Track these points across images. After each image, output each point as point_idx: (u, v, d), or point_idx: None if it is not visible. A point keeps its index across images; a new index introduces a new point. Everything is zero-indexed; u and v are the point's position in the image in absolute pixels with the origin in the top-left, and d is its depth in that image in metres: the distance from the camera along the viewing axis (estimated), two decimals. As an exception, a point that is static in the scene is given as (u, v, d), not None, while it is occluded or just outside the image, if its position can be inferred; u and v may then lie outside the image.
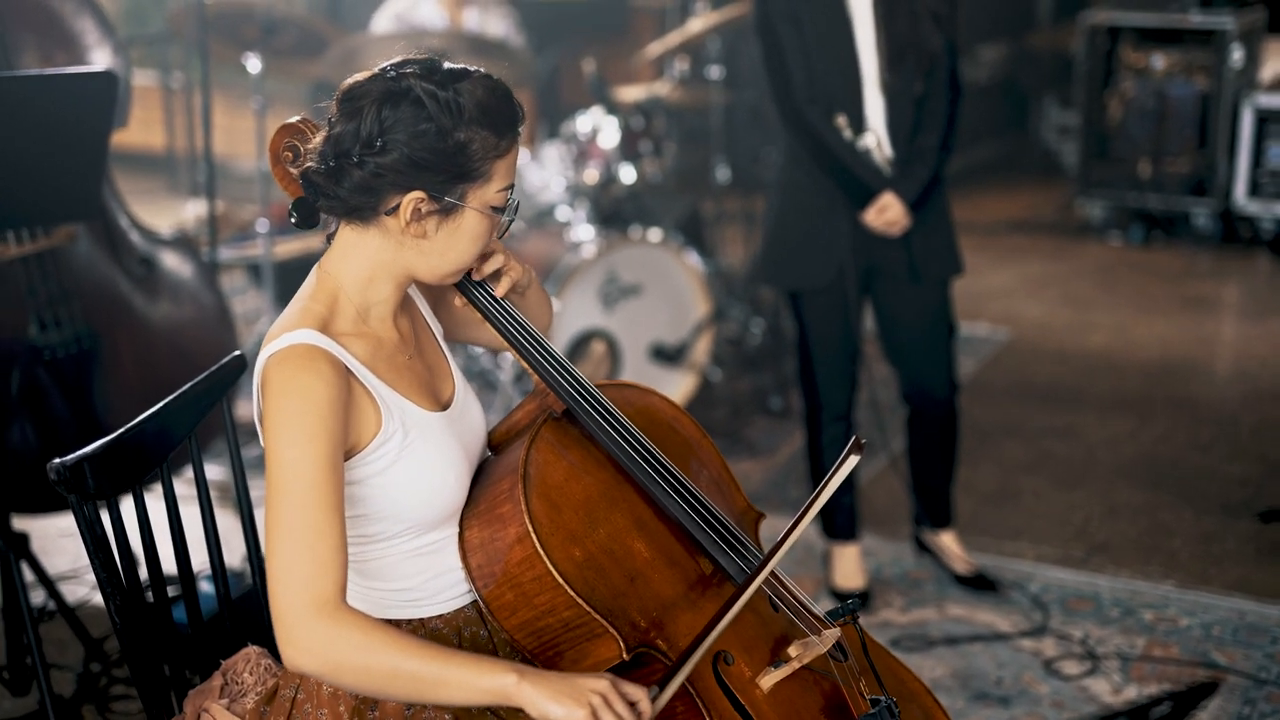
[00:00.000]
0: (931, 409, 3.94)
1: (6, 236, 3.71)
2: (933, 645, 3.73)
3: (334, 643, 1.90)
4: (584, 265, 4.88)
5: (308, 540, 1.92)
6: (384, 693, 1.94)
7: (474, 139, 2.03)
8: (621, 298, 5.02)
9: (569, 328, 4.91)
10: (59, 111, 3.24)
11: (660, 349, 5.09)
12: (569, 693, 1.90)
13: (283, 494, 1.94)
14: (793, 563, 4.17)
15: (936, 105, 3.68)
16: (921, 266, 3.75)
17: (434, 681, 1.90)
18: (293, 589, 1.92)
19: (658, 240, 5.06)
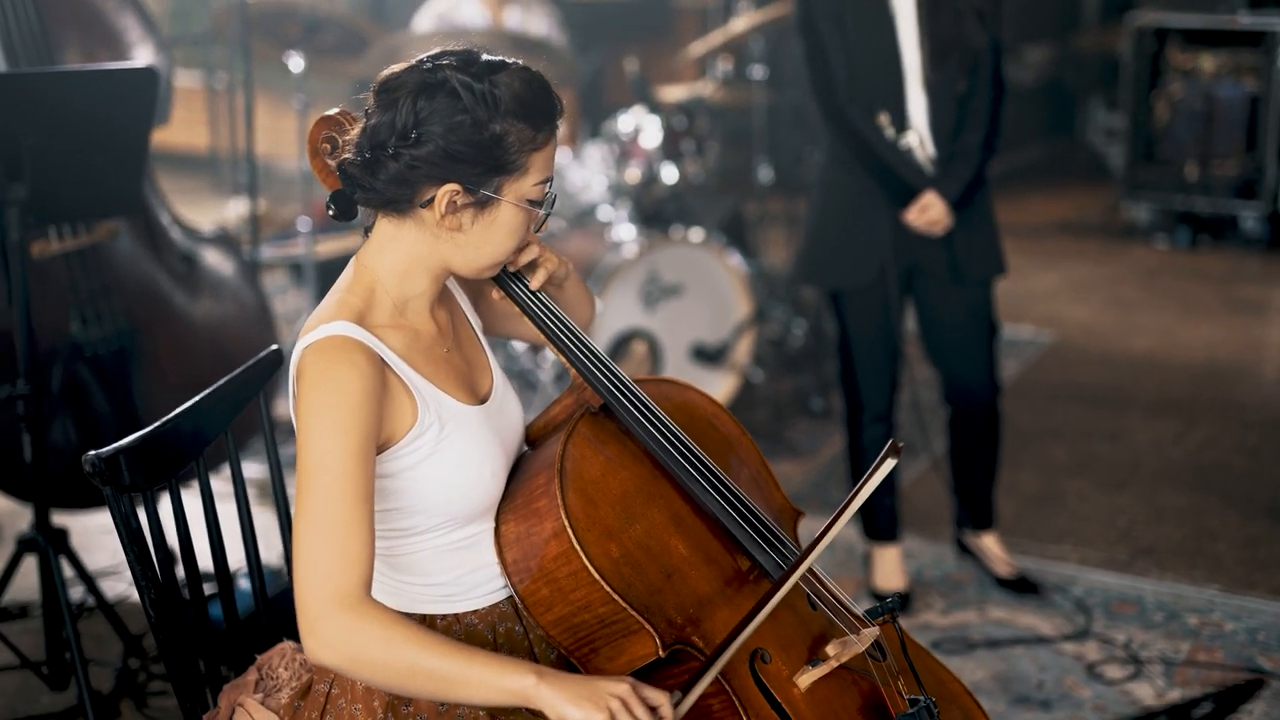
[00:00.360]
0: (973, 410, 3.90)
1: (48, 233, 3.73)
2: (974, 648, 3.69)
3: (355, 637, 1.88)
4: (625, 265, 4.87)
5: (335, 533, 1.91)
6: (404, 689, 1.92)
7: (510, 131, 2.01)
8: (663, 298, 5.00)
9: (610, 327, 4.89)
10: (100, 107, 3.25)
11: (701, 349, 5.07)
12: (588, 695, 1.87)
13: (312, 485, 1.93)
14: (833, 564, 4.15)
15: (980, 103, 3.65)
16: (963, 266, 3.72)
17: (454, 680, 1.88)
18: (317, 581, 1.91)
19: (699, 240, 5.04)
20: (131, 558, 2.10)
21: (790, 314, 5.68)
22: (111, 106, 3.26)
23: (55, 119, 3.18)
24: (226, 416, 2.32)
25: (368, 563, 1.93)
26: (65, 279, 3.78)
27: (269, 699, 2.19)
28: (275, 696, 2.18)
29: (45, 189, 3.21)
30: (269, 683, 2.22)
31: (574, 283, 2.40)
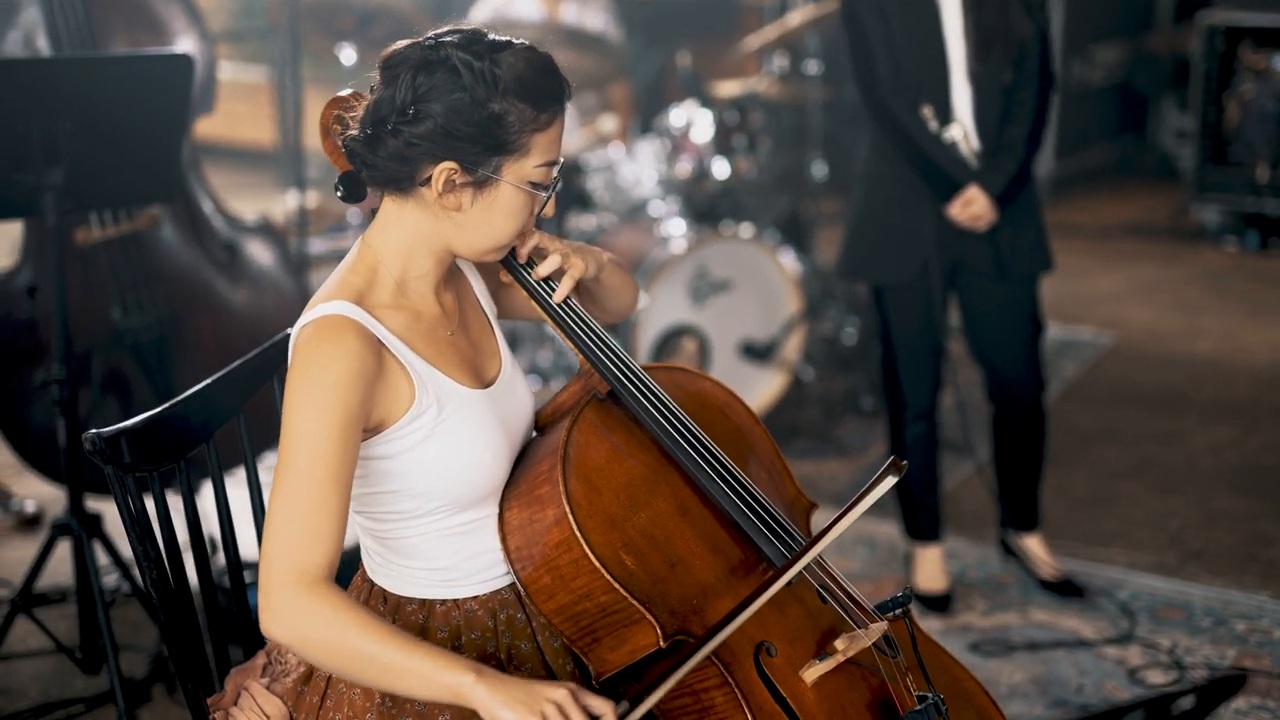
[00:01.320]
0: (1017, 408, 3.83)
1: (89, 219, 3.75)
2: (1013, 650, 3.63)
3: (305, 615, 1.86)
4: (673, 260, 4.84)
5: (304, 509, 1.89)
6: (346, 673, 1.88)
7: (510, 110, 1.98)
8: (711, 293, 4.96)
9: (657, 322, 4.86)
10: (136, 93, 3.26)
11: (750, 346, 5.03)
12: (523, 699, 1.81)
13: (289, 460, 1.91)
14: (875, 563, 4.09)
15: (1026, 96, 3.58)
16: (1008, 262, 3.65)
17: (393, 669, 1.84)
18: (280, 555, 1.89)
19: (749, 236, 5.00)
20: (133, 537, 2.10)
21: (844, 312, 5.62)
22: (147, 93, 3.27)
23: (91, 104, 3.20)
24: (237, 401, 2.32)
25: (334, 544, 1.90)
26: (107, 266, 3.80)
27: (275, 684, 2.18)
28: (281, 681, 2.18)
29: (81, 174, 3.22)
30: (276, 667, 2.21)
31: (610, 272, 2.34)
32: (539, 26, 5.20)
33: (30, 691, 3.47)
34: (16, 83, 3.12)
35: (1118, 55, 8.71)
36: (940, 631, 3.72)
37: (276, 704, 2.14)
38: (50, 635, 3.49)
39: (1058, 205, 8.16)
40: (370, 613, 1.87)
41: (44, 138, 3.16)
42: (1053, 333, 6.08)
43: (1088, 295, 6.63)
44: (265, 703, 2.15)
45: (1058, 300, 6.53)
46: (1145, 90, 9.06)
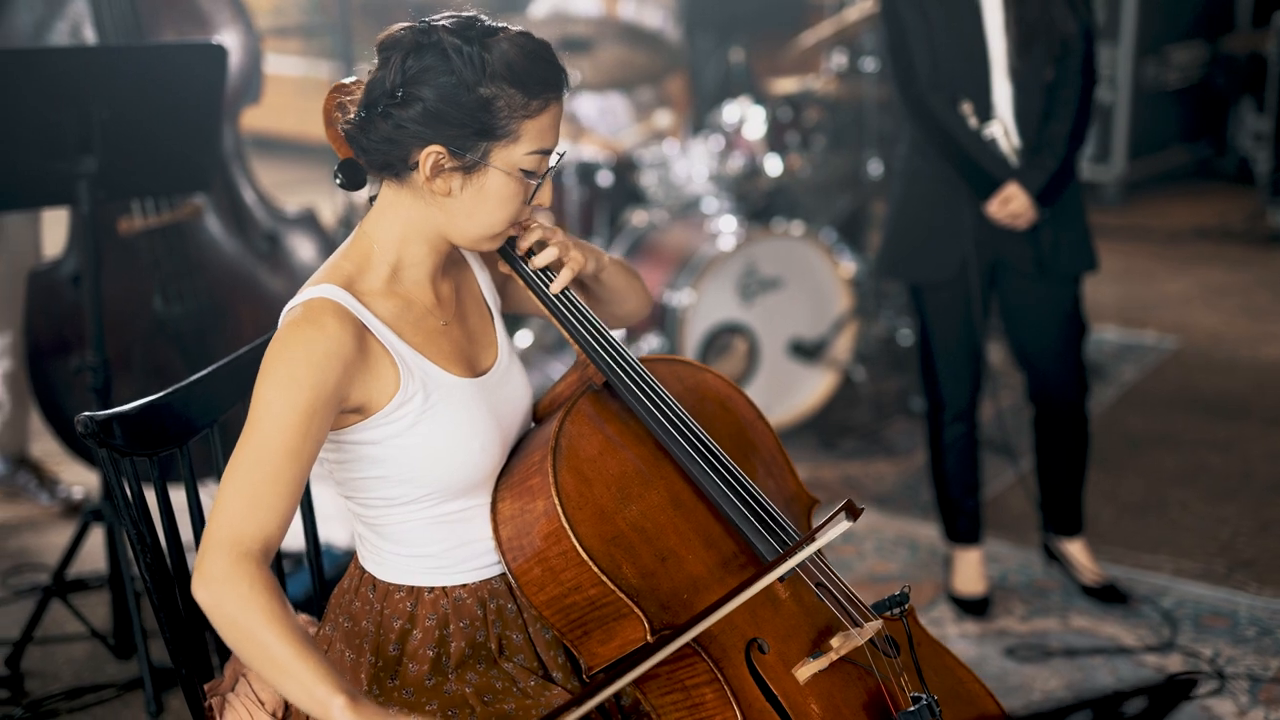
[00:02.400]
0: (1059, 411, 3.77)
1: (131, 209, 3.78)
2: (1050, 656, 3.56)
3: (224, 584, 1.85)
4: (722, 257, 4.81)
5: (254, 480, 1.89)
6: (240, 653, 1.87)
7: (499, 96, 1.97)
8: (761, 291, 4.93)
9: (705, 319, 4.83)
10: (170, 82, 3.28)
11: (799, 344, 4.99)
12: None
13: (251, 430, 1.91)
14: (914, 566, 4.04)
15: (1068, 93, 3.52)
16: (1049, 261, 3.59)
17: (278, 665, 1.83)
18: (222, 520, 1.88)
19: (800, 234, 4.96)
20: (127, 521, 2.10)
21: (899, 312, 5.57)
22: (181, 82, 3.29)
23: (125, 93, 3.22)
24: (240, 389, 2.32)
25: (276, 521, 1.89)
26: (149, 256, 3.83)
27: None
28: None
29: (115, 163, 3.25)
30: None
31: (613, 274, 2.33)
32: (594, 21, 5.18)
33: (63, 675, 3.51)
34: (51, 71, 3.15)
35: (1195, 56, 8.55)
36: (977, 636, 3.67)
37: (272, 691, 2.14)
38: (84, 621, 3.53)
39: (1129, 208, 8.04)
40: (286, 607, 1.86)
41: (78, 126, 3.18)
42: (1114, 336, 5.99)
43: (1153, 299, 6.52)
44: (261, 689, 2.15)
45: (1121, 303, 6.44)
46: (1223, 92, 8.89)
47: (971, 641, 3.64)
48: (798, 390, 5.02)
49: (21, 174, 3.24)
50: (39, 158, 3.21)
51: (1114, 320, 6.22)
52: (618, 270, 2.35)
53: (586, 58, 5.10)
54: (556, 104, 2.04)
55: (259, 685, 2.16)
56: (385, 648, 2.09)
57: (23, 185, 3.28)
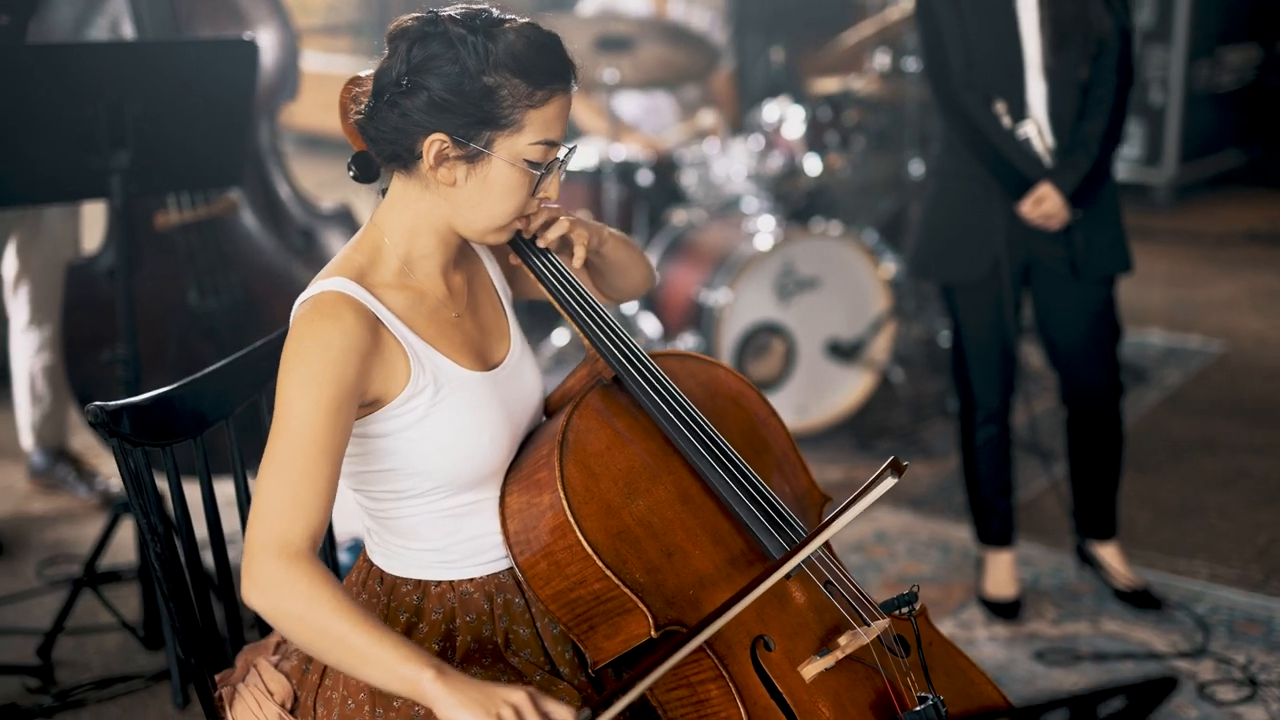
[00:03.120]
0: (1092, 413, 3.73)
1: (167, 203, 3.81)
2: (1078, 660, 3.53)
3: (281, 586, 1.85)
4: (759, 256, 4.79)
5: (291, 480, 1.89)
6: (314, 650, 1.87)
7: (503, 85, 1.97)
8: (798, 291, 4.91)
9: (741, 319, 4.82)
10: (201, 78, 3.31)
11: (836, 345, 4.97)
12: (481, 700, 1.77)
13: (280, 431, 1.92)
14: (946, 568, 4.02)
15: (1103, 92, 3.48)
16: (1082, 262, 3.55)
17: (358, 653, 1.82)
18: (265, 524, 1.89)
19: (838, 234, 4.94)
20: (136, 510, 2.12)
21: (939, 314, 5.53)
22: (212, 77, 3.31)
23: (157, 88, 3.25)
24: (256, 383, 2.33)
25: (318, 516, 1.90)
26: (184, 250, 3.86)
27: (284, 661, 2.19)
28: (290, 659, 2.19)
29: (147, 157, 3.28)
30: (288, 645, 2.23)
31: (615, 247, 2.34)
32: (636, 20, 5.18)
33: (94, 665, 3.54)
34: (84, 66, 3.18)
35: (1248, 58, 8.46)
36: (1006, 639, 3.64)
37: (281, 681, 2.15)
38: (114, 612, 3.56)
39: (1179, 212, 7.96)
40: (347, 595, 1.86)
41: (110, 121, 3.21)
42: (1158, 340, 5.93)
43: (1200, 303, 6.45)
44: (270, 680, 2.16)
45: (1167, 307, 6.38)
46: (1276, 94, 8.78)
47: (1000, 644, 3.62)
48: (835, 391, 5.00)
49: (56, 168, 3.27)
50: (73, 152, 3.24)
51: (1160, 324, 6.16)
52: (618, 244, 2.35)
53: (627, 57, 5.10)
54: (563, 95, 2.04)
55: (268, 675, 2.17)
56: (392, 639, 2.08)
57: (57, 179, 3.31)
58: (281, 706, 2.13)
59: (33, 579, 3.97)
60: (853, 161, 5.16)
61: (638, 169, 5.25)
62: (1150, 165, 7.94)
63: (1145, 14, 7.73)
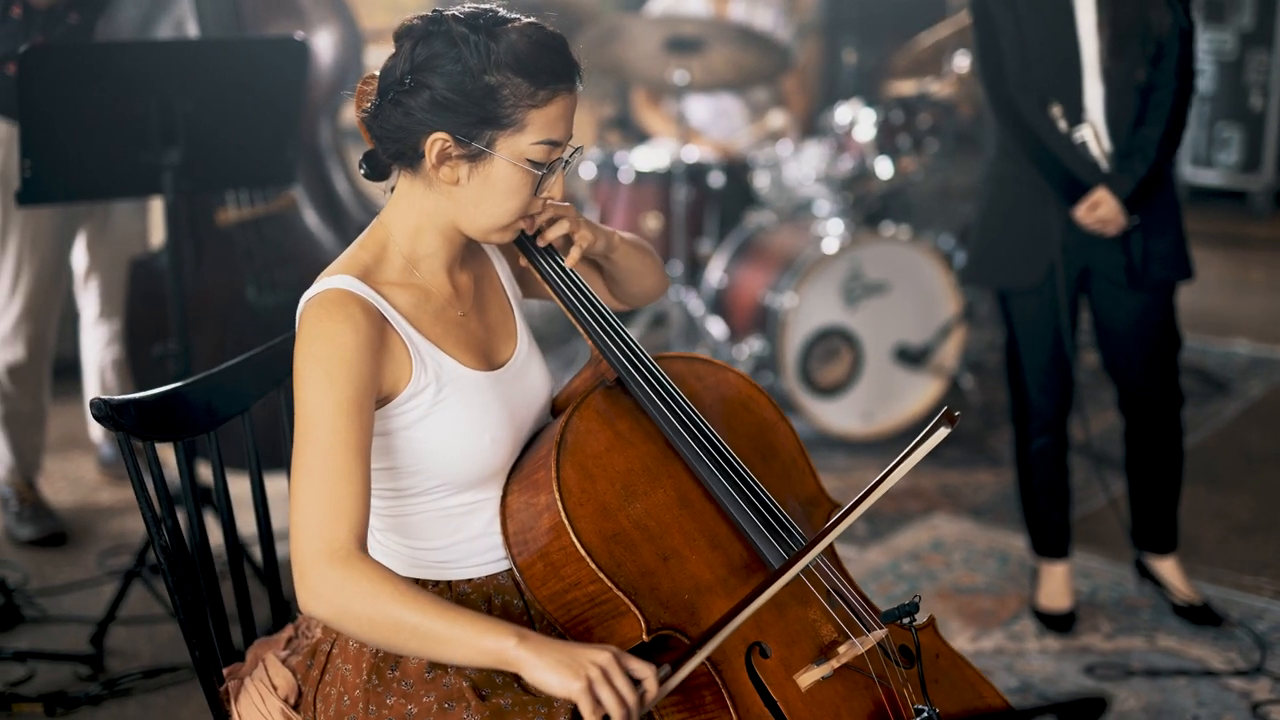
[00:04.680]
0: (1150, 424, 3.65)
1: (226, 200, 3.86)
2: (1130, 676, 3.46)
3: (343, 590, 1.87)
4: (824, 260, 4.76)
5: (327, 485, 1.90)
6: (389, 645, 1.90)
7: (505, 84, 1.97)
8: (865, 295, 4.87)
9: (807, 322, 4.79)
10: (252, 76, 3.34)
11: (904, 350, 4.92)
12: (568, 662, 1.82)
13: (306, 438, 1.93)
14: (1001, 578, 3.95)
15: (1163, 95, 3.41)
16: (1140, 269, 3.48)
17: (436, 638, 1.85)
18: (310, 533, 1.90)
19: (908, 238, 4.88)
20: (142, 503, 2.14)
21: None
22: (263, 76, 3.35)
23: (208, 86, 3.29)
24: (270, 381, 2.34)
25: (360, 515, 1.91)
26: (242, 246, 3.90)
27: (291, 657, 2.20)
28: (297, 654, 2.20)
29: (198, 155, 3.32)
30: (302, 640, 2.24)
31: (627, 253, 2.32)
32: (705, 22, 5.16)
33: (144, 655, 3.58)
34: (137, 64, 3.23)
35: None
36: (1057, 652, 3.57)
37: (286, 676, 2.16)
38: (163, 603, 3.60)
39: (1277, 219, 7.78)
40: (407, 582, 1.88)
41: (162, 119, 3.26)
42: (1245, 350, 5.81)
43: (1292, 313, 6.31)
44: (276, 675, 2.17)
45: (1260, 317, 6.24)
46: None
47: (1050, 657, 3.55)
48: (902, 397, 4.95)
49: (111, 165, 3.32)
50: (127, 149, 3.29)
51: (1250, 334, 6.03)
52: (630, 249, 2.32)
53: (696, 58, 5.08)
54: (566, 95, 2.03)
55: (274, 670, 2.18)
56: (387, 638, 2.09)
57: (112, 176, 3.36)
58: (285, 701, 2.14)
59: (94, 568, 4.03)
60: (926, 165, 5.10)
61: (709, 171, 5.23)
62: (1248, 172, 7.77)
63: (1245, 17, 7.57)
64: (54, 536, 4.17)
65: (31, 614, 3.77)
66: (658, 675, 1.86)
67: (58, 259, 4.10)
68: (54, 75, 3.18)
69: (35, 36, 3.80)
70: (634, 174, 5.26)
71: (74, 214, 4.10)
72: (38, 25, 3.83)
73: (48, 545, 4.16)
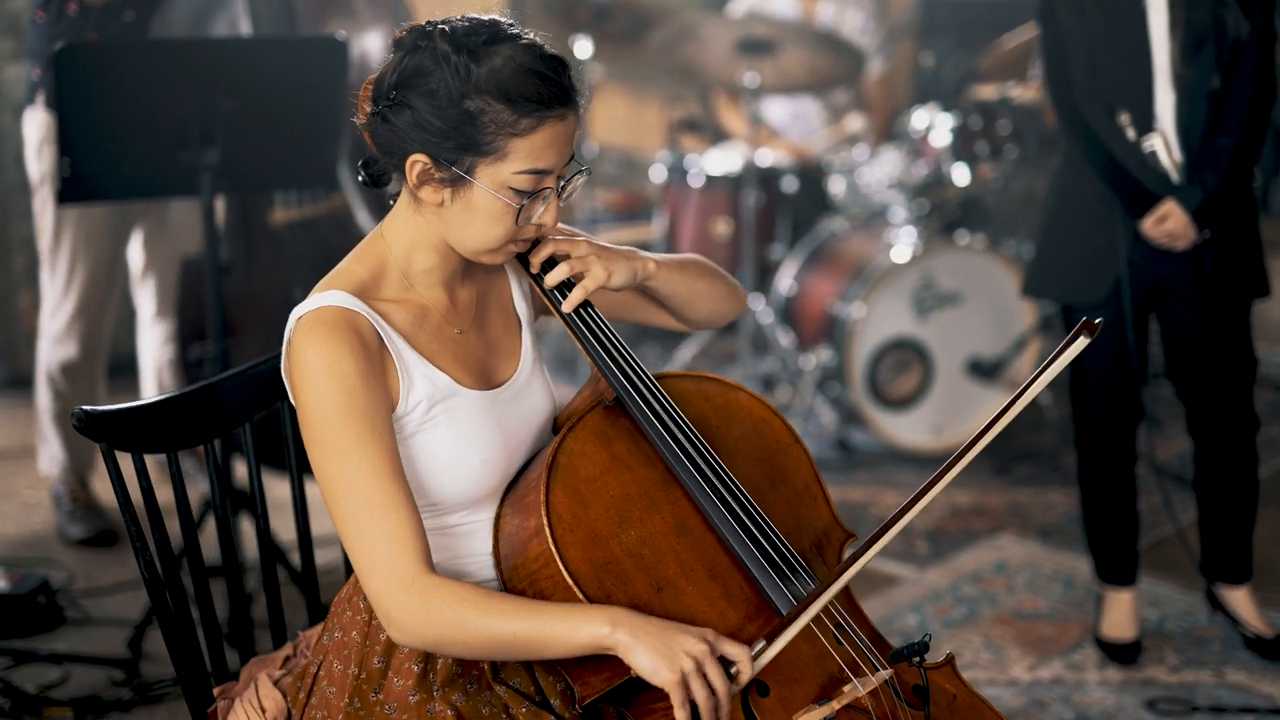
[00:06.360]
0: (1221, 447, 3.48)
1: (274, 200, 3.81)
2: (1194, 712, 3.29)
3: (429, 621, 1.85)
4: (895, 269, 4.62)
5: (376, 522, 1.87)
6: (493, 656, 1.91)
7: (485, 110, 1.87)
8: (937, 306, 4.72)
9: (876, 333, 4.65)
10: (291, 76, 3.29)
11: (977, 363, 4.77)
12: (663, 650, 1.80)
13: (337, 481, 1.88)
14: (1067, 604, 3.80)
15: (1238, 104, 3.24)
16: (1212, 285, 3.31)
17: (533, 643, 1.85)
18: (378, 574, 1.87)
19: (982, 247, 4.73)
20: (126, 516, 2.08)
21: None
22: (302, 76, 3.29)
23: (247, 86, 3.24)
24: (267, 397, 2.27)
25: (417, 538, 1.88)
26: (293, 248, 3.85)
27: (285, 677, 2.14)
28: (290, 675, 2.14)
29: (237, 155, 3.27)
30: (298, 660, 2.18)
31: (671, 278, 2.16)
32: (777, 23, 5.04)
33: (180, 660, 3.54)
34: (174, 63, 3.19)
35: None
36: (1118, 684, 3.41)
37: (276, 698, 2.10)
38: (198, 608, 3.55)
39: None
40: (487, 593, 1.86)
41: (202, 118, 3.21)
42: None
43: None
44: (266, 696, 2.11)
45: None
46: None
47: (1111, 689, 3.40)
48: (974, 412, 4.80)
49: (151, 164, 3.28)
50: (167, 148, 3.25)
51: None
52: (676, 274, 2.18)
53: (768, 60, 4.96)
54: (554, 123, 1.91)
55: (264, 691, 2.12)
56: (370, 660, 2.01)
57: (152, 175, 3.32)
58: (272, 722, 2.08)
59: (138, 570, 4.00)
60: (1005, 172, 4.94)
61: (782, 175, 5.12)
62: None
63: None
64: (104, 535, 4.15)
65: (74, 615, 3.74)
66: (752, 651, 1.85)
67: (112, 257, 4.08)
68: (91, 73, 3.14)
69: (89, 34, 3.78)
70: (704, 178, 5.16)
71: (129, 212, 4.07)
72: (92, 23, 3.82)
73: (98, 545, 4.14)
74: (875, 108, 5.56)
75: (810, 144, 5.40)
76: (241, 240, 3.94)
